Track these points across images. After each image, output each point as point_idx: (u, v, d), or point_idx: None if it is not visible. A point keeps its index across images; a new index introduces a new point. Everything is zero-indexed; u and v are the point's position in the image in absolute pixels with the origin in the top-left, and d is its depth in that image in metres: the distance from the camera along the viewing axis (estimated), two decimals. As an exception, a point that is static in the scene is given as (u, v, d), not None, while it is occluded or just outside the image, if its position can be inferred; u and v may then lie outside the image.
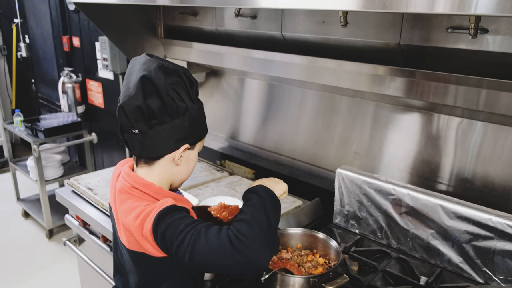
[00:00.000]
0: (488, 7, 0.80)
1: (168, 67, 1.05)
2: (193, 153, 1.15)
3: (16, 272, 3.15)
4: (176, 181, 1.17)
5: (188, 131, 1.08)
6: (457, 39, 1.31)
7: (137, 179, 1.10)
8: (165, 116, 1.04)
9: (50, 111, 4.36)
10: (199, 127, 1.13)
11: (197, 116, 1.10)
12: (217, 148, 2.54)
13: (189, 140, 1.10)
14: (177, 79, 1.06)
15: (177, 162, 1.11)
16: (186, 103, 1.06)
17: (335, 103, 1.90)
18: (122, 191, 1.12)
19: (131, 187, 1.10)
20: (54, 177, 3.62)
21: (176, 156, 1.10)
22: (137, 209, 1.05)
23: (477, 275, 1.40)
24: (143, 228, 1.03)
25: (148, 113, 1.03)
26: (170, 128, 1.05)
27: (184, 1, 1.57)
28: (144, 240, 1.04)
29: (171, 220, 1.00)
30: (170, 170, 1.12)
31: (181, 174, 1.16)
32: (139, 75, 1.03)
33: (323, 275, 1.26)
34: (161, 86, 1.02)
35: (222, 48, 2.04)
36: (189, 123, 1.08)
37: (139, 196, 1.09)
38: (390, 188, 1.56)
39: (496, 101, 1.28)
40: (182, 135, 1.08)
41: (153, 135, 1.05)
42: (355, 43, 1.57)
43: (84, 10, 2.07)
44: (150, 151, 1.09)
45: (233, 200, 1.79)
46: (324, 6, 1.06)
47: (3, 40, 5.10)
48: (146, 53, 1.12)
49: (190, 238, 0.96)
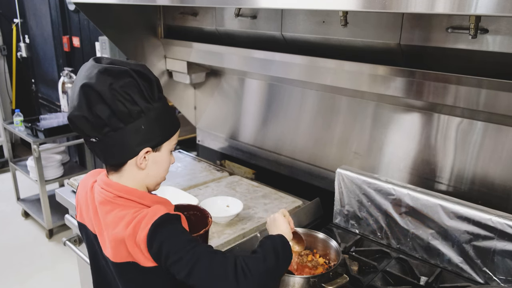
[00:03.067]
0: (488, 7, 0.80)
1: (113, 70, 0.98)
2: (160, 154, 1.08)
3: (16, 272, 3.16)
4: (151, 184, 1.12)
5: (146, 134, 1.02)
6: (457, 39, 1.31)
7: (119, 187, 1.06)
8: (117, 123, 0.98)
9: (50, 111, 4.36)
10: (160, 127, 1.05)
11: (157, 116, 1.03)
12: (217, 148, 2.54)
13: (150, 143, 1.04)
14: (128, 80, 0.98)
15: (141, 167, 1.06)
16: (140, 106, 0.99)
17: (335, 103, 1.90)
18: (105, 202, 1.06)
19: (114, 197, 1.05)
20: (54, 177, 3.62)
21: (138, 161, 1.04)
22: (126, 217, 1.01)
23: (477, 275, 1.40)
24: (136, 236, 0.99)
25: (97, 122, 0.98)
26: (126, 134, 1.00)
27: (184, 1, 1.57)
28: (136, 248, 1.00)
29: (169, 232, 0.98)
30: (139, 175, 1.08)
31: (153, 177, 1.11)
32: (80, 84, 0.97)
33: (323, 275, 1.26)
34: (105, 93, 0.95)
35: (222, 48, 2.04)
36: (146, 126, 1.01)
37: (124, 204, 1.05)
38: (390, 188, 1.56)
39: (496, 101, 1.28)
40: (140, 139, 1.02)
41: (110, 142, 1.01)
42: (355, 43, 1.57)
43: (84, 10, 2.07)
44: (112, 158, 1.05)
45: (233, 200, 1.79)
46: (324, 6, 1.06)
47: (3, 40, 5.10)
48: (94, 57, 1.06)
49: (191, 258, 0.95)
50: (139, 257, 1.01)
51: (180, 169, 2.27)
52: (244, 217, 1.72)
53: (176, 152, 2.54)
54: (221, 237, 1.56)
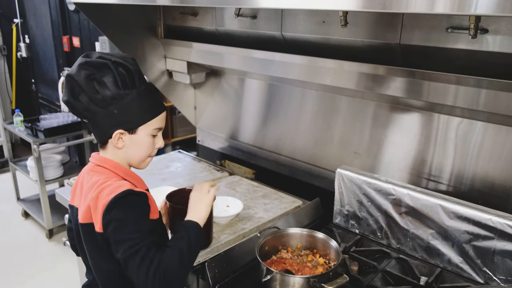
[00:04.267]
0: (488, 7, 0.80)
1: (93, 62, 1.13)
2: (137, 136, 1.19)
3: (16, 272, 3.15)
4: (132, 162, 1.24)
5: (119, 117, 1.15)
6: (457, 39, 1.31)
7: (99, 157, 1.22)
8: (94, 108, 1.13)
9: (50, 111, 4.36)
10: (133, 112, 1.17)
11: (130, 102, 1.15)
12: (217, 148, 2.54)
13: (123, 126, 1.16)
14: (106, 71, 1.13)
15: (118, 146, 1.19)
16: (111, 92, 1.12)
17: (335, 103, 1.90)
18: (88, 171, 1.22)
19: (94, 166, 1.21)
20: (54, 177, 3.62)
21: (114, 141, 1.18)
22: (98, 182, 1.15)
23: (477, 275, 1.40)
24: (97, 200, 1.11)
25: (80, 106, 1.14)
26: (101, 117, 1.15)
27: (184, 1, 1.57)
28: (95, 210, 1.12)
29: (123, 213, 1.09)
30: (119, 153, 1.21)
31: (132, 156, 1.22)
32: (65, 75, 1.17)
33: (323, 275, 1.26)
34: (81, 82, 1.11)
35: (222, 48, 2.04)
36: (119, 110, 1.14)
37: (100, 171, 1.20)
38: (390, 188, 1.56)
39: (496, 101, 1.28)
40: (112, 122, 1.15)
41: (92, 123, 1.18)
42: (355, 43, 1.57)
43: (84, 10, 2.07)
44: (96, 137, 1.22)
45: (233, 200, 1.79)
46: (324, 6, 1.06)
47: (3, 40, 5.10)
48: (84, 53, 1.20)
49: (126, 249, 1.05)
50: (96, 218, 1.12)
51: (180, 169, 2.27)
52: (244, 217, 1.72)
53: (176, 152, 2.54)
54: (221, 237, 1.56)
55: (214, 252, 1.47)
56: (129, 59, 1.18)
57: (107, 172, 1.19)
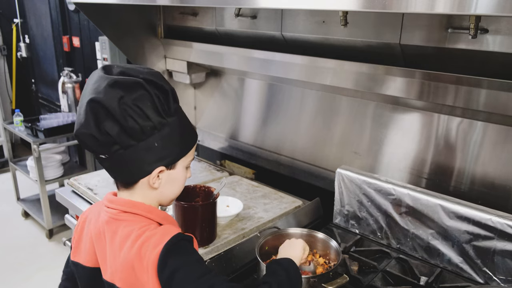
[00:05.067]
0: (488, 7, 0.80)
1: (124, 82, 0.89)
2: (175, 172, 1.00)
3: (16, 272, 3.15)
4: (165, 201, 1.05)
5: (160, 151, 0.94)
6: (457, 39, 1.31)
7: (124, 201, 0.98)
8: (128, 140, 0.90)
9: (50, 111, 4.36)
10: (176, 144, 0.97)
11: (172, 132, 0.95)
12: (217, 148, 2.54)
13: (164, 161, 0.96)
14: (141, 92, 0.90)
15: (154, 186, 0.98)
16: (152, 121, 0.91)
17: (335, 103, 1.90)
18: (110, 221, 0.98)
19: (119, 212, 0.97)
20: (54, 177, 3.62)
21: (151, 181, 0.97)
22: (132, 234, 0.93)
23: (477, 275, 1.40)
24: (143, 258, 0.90)
25: (106, 140, 0.90)
26: (137, 152, 0.92)
27: (184, 1, 1.57)
28: (144, 271, 0.90)
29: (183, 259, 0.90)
30: (152, 194, 1.00)
31: (167, 195, 1.03)
32: (87, 99, 0.89)
33: (323, 275, 1.26)
34: (113, 108, 0.87)
35: (222, 48, 2.04)
36: (160, 143, 0.93)
37: (129, 219, 0.96)
38: (390, 188, 1.56)
39: (496, 101, 1.28)
40: (153, 158, 0.94)
41: (119, 160, 0.93)
42: (355, 43, 1.57)
43: (84, 10, 2.07)
44: (122, 176, 0.98)
45: (233, 200, 1.79)
46: (324, 6, 1.06)
47: (3, 40, 5.10)
48: (103, 65, 0.96)
49: None
50: (145, 280, 0.91)
51: (180, 169, 2.27)
52: (244, 217, 1.72)
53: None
54: (221, 237, 1.56)
55: (214, 252, 1.48)
56: (159, 75, 0.95)
57: (140, 219, 0.96)
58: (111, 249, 0.96)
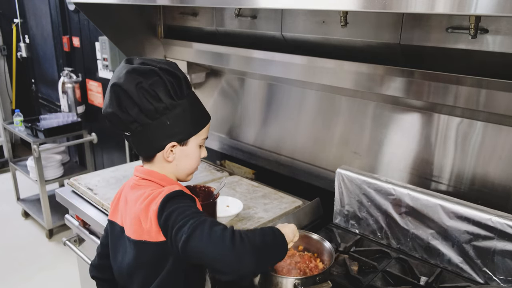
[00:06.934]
0: (488, 7, 0.80)
1: (141, 69, 1.06)
2: (188, 148, 1.16)
3: (16, 272, 3.16)
4: (181, 175, 1.20)
5: (171, 129, 1.10)
6: (457, 39, 1.31)
7: (143, 170, 1.16)
8: (144, 119, 1.07)
9: (50, 111, 4.36)
10: (186, 123, 1.12)
11: (182, 112, 1.11)
12: (217, 148, 2.54)
13: (176, 137, 1.12)
14: (156, 79, 1.06)
15: (168, 160, 1.14)
16: (165, 103, 1.07)
17: (335, 103, 1.90)
18: (133, 186, 1.17)
19: (139, 179, 1.16)
20: (54, 177, 3.62)
21: (165, 154, 1.13)
22: (144, 194, 1.10)
23: (477, 275, 1.40)
24: (148, 210, 1.06)
25: (126, 118, 1.07)
26: (152, 129, 1.09)
27: (184, 1, 1.57)
28: (148, 221, 1.06)
29: (178, 205, 1.03)
30: (168, 166, 1.16)
31: (182, 168, 1.18)
32: (111, 84, 1.07)
33: (307, 278, 1.24)
34: (132, 91, 1.04)
35: (222, 48, 2.04)
36: (172, 121, 1.09)
37: (146, 185, 1.14)
38: (390, 188, 1.56)
39: (496, 101, 1.28)
40: (165, 134, 1.10)
41: (139, 136, 1.11)
42: (355, 43, 1.57)
43: (84, 10, 2.07)
44: (142, 150, 1.15)
45: (233, 200, 1.79)
46: (324, 6, 1.06)
47: (3, 40, 5.10)
48: (126, 58, 1.14)
49: (193, 223, 0.97)
50: (150, 230, 1.06)
51: (180, 169, 2.27)
52: (244, 217, 1.72)
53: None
54: (221, 237, 1.56)
55: (214, 252, 1.47)
56: (174, 65, 1.12)
57: (153, 184, 1.14)
58: (129, 209, 1.14)
